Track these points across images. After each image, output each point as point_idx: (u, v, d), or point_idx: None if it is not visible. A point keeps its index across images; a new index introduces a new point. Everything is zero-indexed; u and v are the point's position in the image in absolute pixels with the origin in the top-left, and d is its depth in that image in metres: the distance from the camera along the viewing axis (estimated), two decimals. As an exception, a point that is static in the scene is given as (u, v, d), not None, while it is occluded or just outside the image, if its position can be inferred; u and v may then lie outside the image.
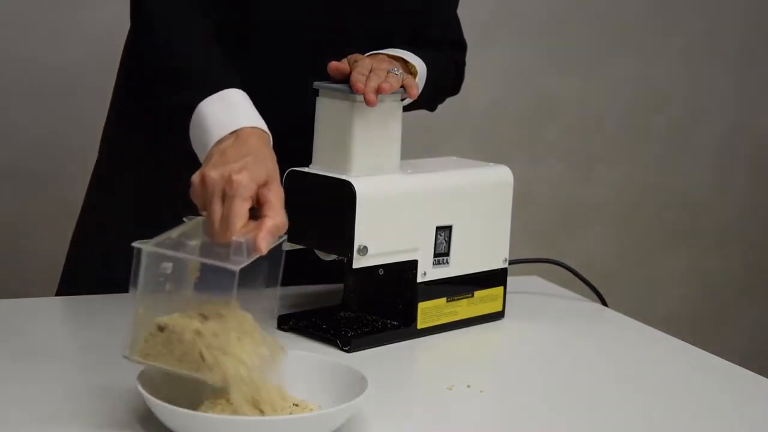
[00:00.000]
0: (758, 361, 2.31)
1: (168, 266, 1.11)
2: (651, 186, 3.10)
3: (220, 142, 1.24)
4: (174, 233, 1.13)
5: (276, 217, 1.14)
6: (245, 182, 1.14)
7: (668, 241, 3.15)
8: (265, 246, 1.11)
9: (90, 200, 1.66)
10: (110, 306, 1.49)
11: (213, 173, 1.16)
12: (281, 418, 1.07)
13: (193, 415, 1.06)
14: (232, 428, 1.06)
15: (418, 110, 1.64)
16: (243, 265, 1.08)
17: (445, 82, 1.65)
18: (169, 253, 1.10)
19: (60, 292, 1.63)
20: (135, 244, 1.09)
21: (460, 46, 1.69)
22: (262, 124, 1.28)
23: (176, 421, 1.07)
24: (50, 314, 1.52)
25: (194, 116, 1.29)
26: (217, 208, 1.13)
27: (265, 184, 1.17)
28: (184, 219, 1.16)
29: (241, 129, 1.25)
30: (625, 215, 3.08)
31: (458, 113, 2.79)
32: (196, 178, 1.17)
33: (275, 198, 1.16)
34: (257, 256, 1.11)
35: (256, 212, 1.16)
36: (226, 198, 1.14)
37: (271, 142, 1.27)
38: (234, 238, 1.11)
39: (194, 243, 1.13)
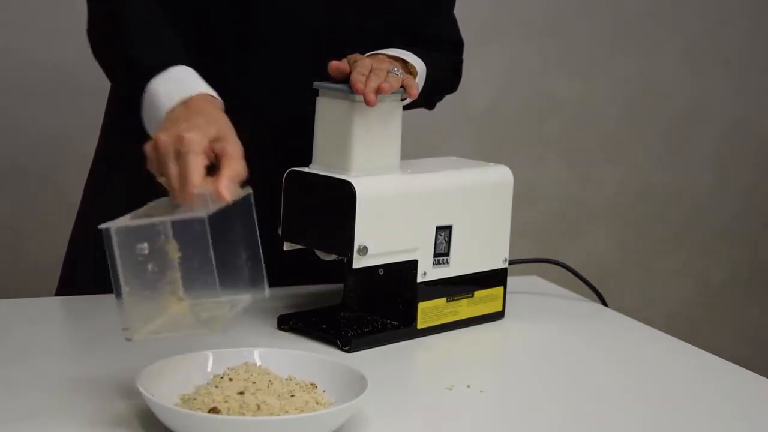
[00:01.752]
0: (758, 361, 2.32)
1: (144, 247, 1.10)
2: (651, 186, 3.10)
3: (170, 111, 1.24)
4: (140, 212, 1.13)
5: (233, 165, 1.14)
6: (196, 138, 1.14)
7: (668, 241, 3.15)
8: (227, 193, 1.11)
9: (86, 200, 1.66)
10: (108, 306, 1.49)
11: (163, 136, 1.16)
12: (281, 418, 1.07)
13: (192, 415, 1.06)
14: (231, 428, 1.06)
15: (418, 109, 1.65)
16: (210, 213, 1.07)
17: (444, 80, 1.66)
18: (136, 222, 1.09)
19: (59, 293, 1.63)
20: (101, 226, 1.08)
21: (458, 45, 1.71)
22: (212, 92, 1.28)
23: (175, 421, 1.07)
24: (50, 314, 1.52)
25: (145, 97, 1.29)
26: (173, 168, 1.14)
27: (218, 139, 1.17)
28: (148, 202, 1.16)
29: (190, 97, 1.25)
30: (625, 215, 3.08)
31: (458, 113, 2.79)
32: (148, 146, 1.17)
33: (231, 148, 1.16)
34: (222, 204, 1.10)
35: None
36: (179, 156, 1.14)
37: (223, 108, 1.27)
38: (195, 191, 1.11)
39: (161, 216, 1.12)
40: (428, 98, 1.62)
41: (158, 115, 1.25)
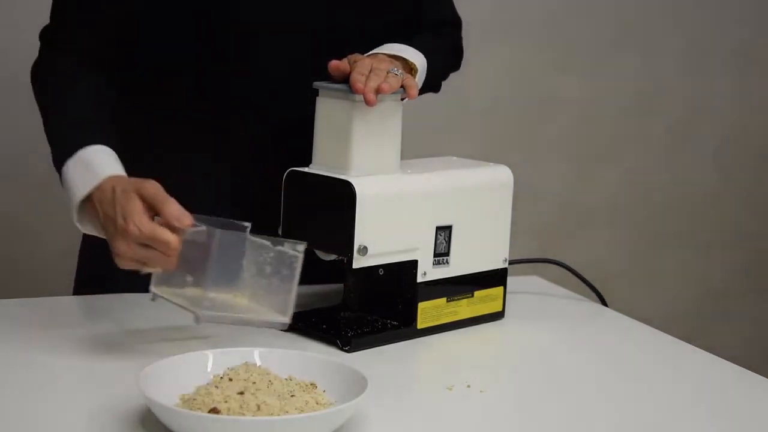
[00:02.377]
0: (758, 361, 2.31)
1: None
2: (651, 186, 3.10)
3: (94, 203, 1.31)
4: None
5: (167, 202, 1.25)
6: (137, 226, 1.24)
7: (668, 241, 3.15)
8: (186, 219, 1.24)
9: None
10: (109, 306, 1.49)
11: (117, 243, 1.26)
12: (281, 418, 1.07)
13: (192, 415, 1.06)
14: (231, 428, 1.06)
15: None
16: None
17: (445, 65, 1.68)
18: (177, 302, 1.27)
19: (77, 292, 1.63)
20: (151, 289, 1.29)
21: (456, 24, 1.72)
22: (118, 170, 1.34)
23: (175, 421, 1.07)
24: (51, 315, 1.51)
25: (62, 176, 1.37)
26: (148, 254, 1.25)
27: (140, 194, 1.26)
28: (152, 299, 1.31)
29: (97, 186, 1.31)
30: (625, 215, 3.08)
31: (458, 113, 2.79)
32: (116, 260, 1.28)
33: (152, 194, 1.26)
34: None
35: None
36: (146, 241, 1.24)
37: (123, 172, 1.34)
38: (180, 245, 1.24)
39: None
40: (432, 84, 1.63)
41: (73, 201, 1.33)
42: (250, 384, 1.13)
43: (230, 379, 1.14)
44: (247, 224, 1.34)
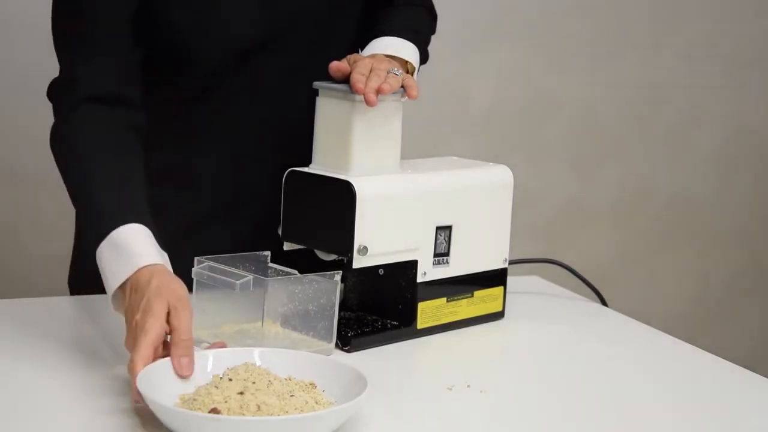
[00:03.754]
0: (758, 361, 2.32)
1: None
2: (651, 186, 3.10)
3: (124, 296, 1.26)
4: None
5: (179, 343, 1.19)
6: (147, 338, 1.18)
7: (668, 241, 3.15)
8: (185, 370, 1.18)
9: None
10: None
11: (131, 349, 1.20)
12: (281, 418, 1.07)
13: (192, 415, 1.06)
14: (231, 428, 1.06)
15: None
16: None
17: (428, 35, 1.66)
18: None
19: (72, 292, 1.63)
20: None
21: None
22: (153, 257, 1.28)
23: (176, 421, 1.07)
24: (51, 315, 1.51)
25: (97, 261, 1.31)
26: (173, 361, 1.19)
27: (168, 311, 1.21)
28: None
29: (133, 275, 1.26)
30: (626, 215, 3.08)
31: (458, 113, 2.79)
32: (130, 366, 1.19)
33: (177, 321, 1.20)
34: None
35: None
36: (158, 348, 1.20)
37: (169, 266, 1.29)
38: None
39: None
40: (422, 60, 1.62)
41: (108, 287, 1.28)
42: (249, 384, 1.13)
43: (230, 379, 1.14)
44: (267, 253, 1.38)
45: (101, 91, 1.41)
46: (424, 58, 1.62)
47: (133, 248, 1.28)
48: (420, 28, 1.62)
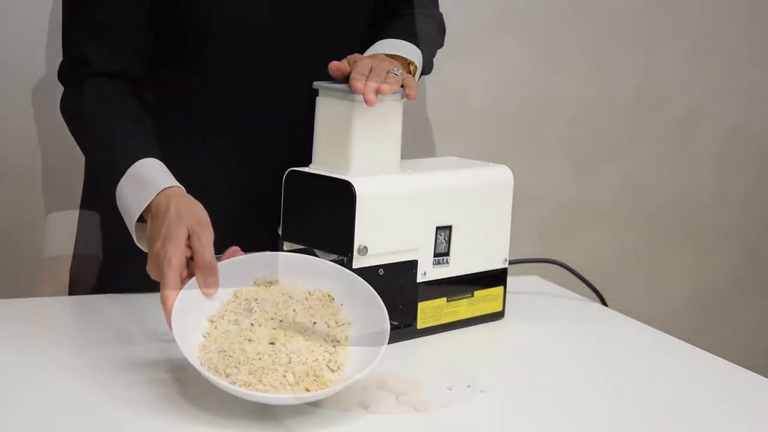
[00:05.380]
0: (758, 361, 2.32)
1: None
2: (651, 186, 3.10)
3: (146, 222, 1.32)
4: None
5: (202, 266, 1.25)
6: (174, 262, 1.24)
7: (668, 241, 3.15)
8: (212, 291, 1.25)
9: (86, 199, 1.66)
10: (108, 305, 1.49)
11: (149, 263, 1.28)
12: (294, 395, 1.14)
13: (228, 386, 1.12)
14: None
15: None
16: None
17: (435, 45, 1.68)
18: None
19: (71, 292, 1.63)
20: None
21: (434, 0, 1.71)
22: (170, 181, 1.34)
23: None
24: (51, 315, 1.52)
25: (117, 198, 1.36)
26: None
27: (189, 236, 1.26)
28: None
29: (152, 202, 1.31)
30: (625, 215, 3.08)
31: (458, 113, 2.79)
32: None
33: (198, 244, 1.26)
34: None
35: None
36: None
37: (175, 182, 1.35)
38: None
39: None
40: (426, 69, 1.63)
41: (130, 220, 1.34)
42: (278, 328, 1.22)
43: (255, 311, 1.23)
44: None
45: (112, 69, 1.46)
46: (428, 67, 1.61)
47: (150, 177, 1.34)
48: (424, 35, 1.60)
